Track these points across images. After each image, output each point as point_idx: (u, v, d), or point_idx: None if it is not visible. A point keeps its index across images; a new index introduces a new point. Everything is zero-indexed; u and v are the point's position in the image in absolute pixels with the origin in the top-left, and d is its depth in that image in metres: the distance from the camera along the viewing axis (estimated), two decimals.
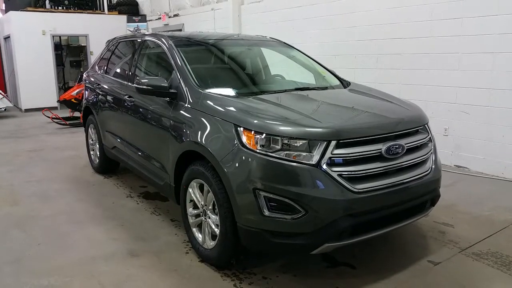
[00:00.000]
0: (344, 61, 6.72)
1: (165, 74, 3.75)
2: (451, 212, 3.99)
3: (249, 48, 4.54)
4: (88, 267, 3.06)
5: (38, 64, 11.10)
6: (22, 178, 5.28)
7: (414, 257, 3.17)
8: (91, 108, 5.24)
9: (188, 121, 3.17)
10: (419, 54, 5.75)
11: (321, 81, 4.11)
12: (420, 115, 3.21)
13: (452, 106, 5.47)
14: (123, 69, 4.65)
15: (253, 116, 2.76)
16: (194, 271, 3.00)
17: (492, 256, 3.18)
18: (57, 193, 4.68)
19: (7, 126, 9.27)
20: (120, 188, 4.82)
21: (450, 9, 5.31)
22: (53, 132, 8.43)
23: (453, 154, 5.55)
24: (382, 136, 2.75)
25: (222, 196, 2.76)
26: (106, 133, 4.88)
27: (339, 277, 2.92)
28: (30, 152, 6.70)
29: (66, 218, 3.97)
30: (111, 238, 3.54)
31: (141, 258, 3.19)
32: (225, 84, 3.69)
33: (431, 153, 3.10)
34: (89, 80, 5.47)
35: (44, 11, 11.74)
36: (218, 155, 2.77)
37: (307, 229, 2.53)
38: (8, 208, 4.27)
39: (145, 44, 4.36)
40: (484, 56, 5.05)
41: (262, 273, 2.94)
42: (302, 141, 2.57)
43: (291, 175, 2.53)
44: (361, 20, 6.43)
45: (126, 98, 4.19)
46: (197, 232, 3.19)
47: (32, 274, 2.97)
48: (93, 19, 11.97)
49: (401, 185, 2.76)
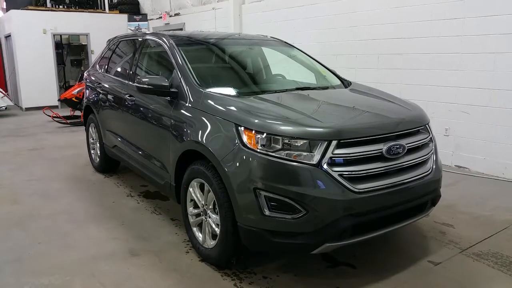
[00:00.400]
0: (345, 61, 6.71)
1: (166, 73, 3.75)
2: (451, 212, 3.99)
3: (250, 47, 4.54)
4: (89, 266, 3.06)
5: (39, 63, 11.10)
6: (22, 177, 5.29)
7: (415, 257, 3.16)
8: (91, 107, 5.25)
9: (188, 120, 3.17)
10: (420, 54, 5.74)
11: (322, 80, 4.11)
12: (421, 115, 3.21)
13: (453, 106, 5.47)
14: (124, 68, 4.64)
15: (254, 116, 2.76)
16: (194, 270, 3.00)
17: (492, 256, 3.17)
18: (58, 192, 4.68)
19: (8, 124, 9.28)
20: (120, 187, 4.82)
21: (451, 9, 5.30)
22: (53, 131, 8.44)
23: (453, 154, 5.54)
24: (383, 136, 2.75)
25: (223, 196, 2.76)
26: (106, 132, 4.88)
27: (339, 277, 2.92)
28: (30, 151, 6.71)
29: (67, 217, 3.97)
30: (111, 237, 3.54)
31: (141, 257, 3.19)
32: (226, 83, 3.69)
33: (432, 153, 3.10)
34: (89, 79, 5.47)
35: (45, 9, 11.74)
36: (218, 155, 2.77)
37: (307, 229, 2.53)
38: (9, 207, 4.27)
39: (146, 43, 4.35)
40: (485, 56, 5.05)
41: (263, 273, 2.94)
42: (303, 141, 2.57)
43: (292, 175, 2.53)
44: (362, 19, 6.42)
45: (126, 97, 4.19)
46: (198, 231, 3.19)
47: (33, 273, 2.97)
48: (94, 18, 11.97)
49: (401, 185, 2.76)
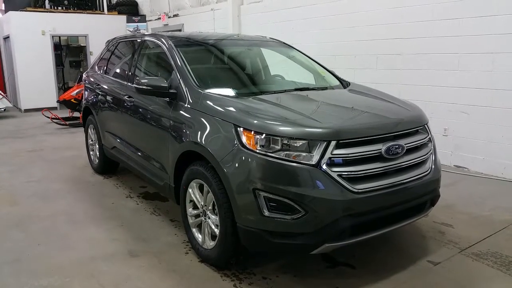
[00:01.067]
0: (344, 61, 6.72)
1: (164, 74, 3.75)
2: (450, 212, 3.99)
3: (249, 48, 4.54)
4: (88, 267, 3.06)
5: (37, 64, 11.09)
6: (22, 178, 5.28)
7: (414, 257, 3.17)
8: (90, 108, 5.24)
9: (188, 121, 3.17)
10: (419, 54, 5.75)
11: (321, 81, 4.11)
12: (420, 115, 3.21)
13: (452, 106, 5.47)
14: (123, 69, 4.64)
15: (253, 116, 2.77)
16: (194, 271, 3.00)
17: (492, 256, 3.18)
18: (57, 194, 4.68)
19: (7, 126, 9.27)
20: (119, 189, 4.82)
21: (450, 9, 5.31)
22: (52, 132, 8.43)
23: (453, 154, 5.55)
24: (381, 136, 2.75)
25: (222, 197, 2.76)
26: (105, 133, 4.88)
27: (339, 277, 2.92)
28: (29, 152, 6.70)
29: (66, 218, 3.97)
30: (111, 238, 3.54)
31: (141, 258, 3.19)
32: (225, 84, 3.69)
33: (431, 153, 3.10)
34: (88, 80, 5.47)
35: (43, 11, 11.74)
36: (218, 156, 2.77)
37: (307, 229, 2.53)
38: (8, 208, 4.27)
39: (144, 44, 4.36)
40: (484, 56, 5.06)
41: (262, 273, 2.94)
42: (302, 141, 2.57)
43: (291, 175, 2.53)
44: (361, 20, 6.43)
45: (125, 99, 4.19)
46: (197, 232, 3.19)
47: (32, 274, 2.97)
48: (92, 19, 11.97)
49: (400, 185, 2.76)
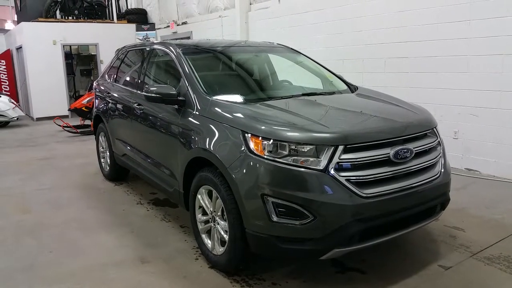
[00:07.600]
0: (352, 66, 6.71)
1: (173, 82, 3.79)
2: (462, 216, 3.95)
3: (256, 54, 4.57)
4: (99, 273, 3.09)
5: (49, 73, 11.27)
6: (33, 186, 5.36)
7: (425, 261, 3.14)
8: (101, 116, 5.31)
9: (196, 128, 3.20)
10: (426, 57, 5.72)
11: (329, 86, 4.11)
12: (429, 118, 3.20)
13: (461, 109, 5.43)
14: (132, 78, 4.70)
15: (261, 122, 2.78)
16: (203, 277, 3.01)
17: (504, 260, 3.14)
18: (68, 201, 4.73)
19: (19, 134, 9.42)
20: (130, 195, 4.86)
21: (457, 11, 5.28)
22: (64, 140, 8.54)
23: (463, 157, 5.50)
24: (390, 140, 2.74)
25: (231, 202, 2.77)
26: (116, 140, 4.93)
27: (348, 282, 2.91)
28: (41, 160, 6.79)
29: (77, 225, 4.02)
30: (121, 244, 3.57)
31: (151, 264, 3.21)
32: (233, 90, 3.71)
33: (440, 157, 3.08)
34: (99, 88, 5.54)
35: (54, 21, 11.92)
36: (226, 162, 2.78)
37: (315, 234, 2.53)
38: (20, 216, 4.33)
39: (153, 53, 4.41)
40: (493, 58, 5.02)
41: (272, 279, 2.94)
42: (310, 147, 2.58)
43: (299, 181, 2.53)
44: (368, 24, 6.43)
45: (135, 106, 4.24)
46: (207, 238, 3.20)
47: (44, 281, 3.01)
48: (102, 28, 12.15)
49: (410, 190, 2.75)
